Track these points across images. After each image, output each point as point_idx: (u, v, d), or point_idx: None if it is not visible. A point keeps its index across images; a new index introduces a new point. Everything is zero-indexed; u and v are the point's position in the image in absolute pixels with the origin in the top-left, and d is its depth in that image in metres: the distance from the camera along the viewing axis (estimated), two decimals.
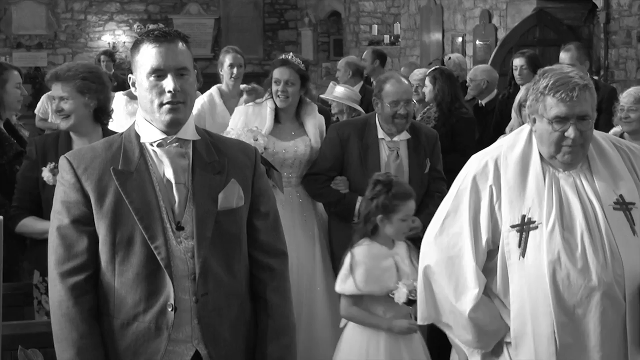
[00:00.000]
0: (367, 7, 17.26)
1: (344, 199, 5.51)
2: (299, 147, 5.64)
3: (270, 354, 3.02)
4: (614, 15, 10.81)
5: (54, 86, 4.45)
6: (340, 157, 5.58)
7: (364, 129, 5.58)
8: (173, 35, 2.91)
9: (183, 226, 2.90)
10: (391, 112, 5.43)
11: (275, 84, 5.57)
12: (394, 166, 5.46)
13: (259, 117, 5.64)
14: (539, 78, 3.29)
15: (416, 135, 5.59)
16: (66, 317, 2.85)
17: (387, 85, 5.48)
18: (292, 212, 5.59)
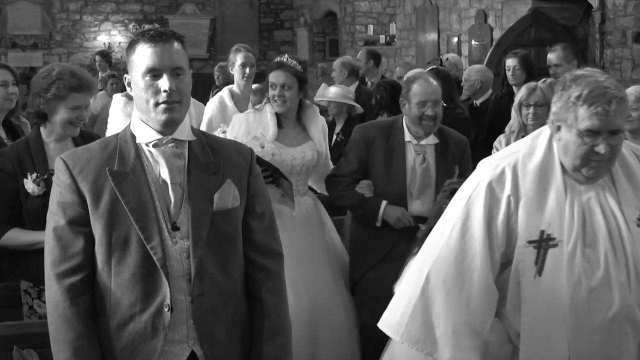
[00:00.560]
0: (363, 7, 17.26)
1: (367, 202, 5.30)
2: (306, 152, 5.38)
3: (266, 354, 3.02)
4: (609, 16, 10.82)
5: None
6: (365, 160, 5.36)
7: (390, 131, 5.37)
8: (168, 35, 2.90)
9: (179, 226, 2.90)
10: (418, 113, 5.20)
11: (272, 88, 5.32)
12: (420, 170, 5.26)
13: (260, 124, 5.36)
14: (569, 84, 3.00)
15: (445, 140, 5.37)
16: (62, 318, 2.85)
17: (415, 85, 5.26)
18: (301, 220, 5.38)
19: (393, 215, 5.19)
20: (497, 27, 12.80)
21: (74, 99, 4.32)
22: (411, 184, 5.23)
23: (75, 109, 4.33)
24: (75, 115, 4.34)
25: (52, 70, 4.36)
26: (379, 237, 5.27)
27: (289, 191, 5.15)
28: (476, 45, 13.32)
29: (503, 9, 12.70)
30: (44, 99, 4.28)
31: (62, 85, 4.27)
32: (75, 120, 4.36)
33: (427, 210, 5.12)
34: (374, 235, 5.30)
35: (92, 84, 4.51)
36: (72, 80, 4.30)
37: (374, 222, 5.23)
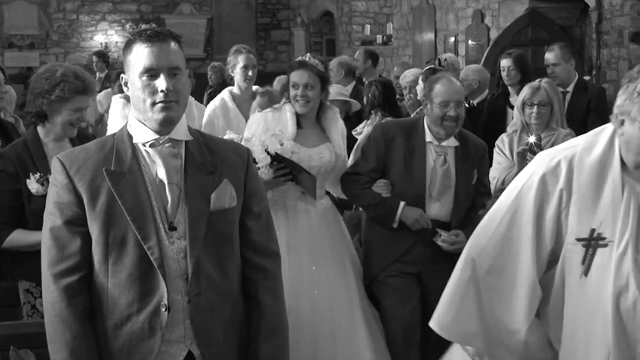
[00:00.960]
0: (360, 7, 17.27)
1: (384, 202, 5.14)
2: (324, 154, 5.21)
3: (263, 354, 3.02)
4: (606, 15, 10.83)
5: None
6: (384, 158, 5.21)
7: (411, 130, 5.22)
8: (165, 34, 2.91)
9: (176, 226, 2.90)
10: (440, 114, 5.06)
11: (294, 88, 5.16)
12: (441, 172, 5.13)
13: (279, 123, 5.19)
14: (636, 75, 2.87)
15: (464, 144, 5.24)
16: (59, 318, 2.85)
17: (438, 85, 5.13)
18: (319, 221, 5.22)
19: (411, 216, 5.07)
20: (494, 27, 12.80)
21: (77, 101, 4.33)
22: (431, 185, 5.12)
23: (77, 110, 4.35)
24: (76, 116, 4.36)
25: (54, 71, 4.34)
26: (395, 238, 5.17)
27: (311, 188, 5.01)
28: (473, 45, 13.33)
29: (500, 8, 12.70)
30: (47, 100, 4.28)
31: (66, 87, 4.28)
32: (76, 121, 4.37)
33: (445, 214, 5.13)
34: (389, 237, 5.19)
35: (94, 85, 4.54)
36: (76, 83, 4.31)
37: (390, 222, 5.12)
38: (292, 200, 5.14)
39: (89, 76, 4.51)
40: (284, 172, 4.90)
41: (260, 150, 4.82)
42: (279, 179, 4.93)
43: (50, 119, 4.35)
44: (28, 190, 4.24)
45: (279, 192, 5.09)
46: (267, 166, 4.82)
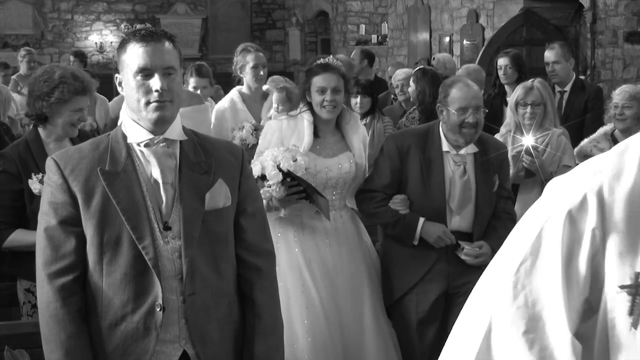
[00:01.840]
0: (355, 6, 17.27)
1: (403, 220, 4.81)
2: (343, 164, 4.87)
3: (258, 353, 3.02)
4: (601, 15, 10.85)
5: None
6: (399, 172, 4.85)
7: (426, 140, 4.85)
8: (160, 34, 2.91)
9: (170, 226, 2.90)
10: (458, 121, 4.71)
11: (319, 93, 4.75)
12: (461, 183, 4.79)
13: (295, 132, 4.84)
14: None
15: (484, 149, 4.89)
16: (54, 318, 2.84)
17: (454, 90, 4.78)
18: (337, 237, 4.89)
19: (433, 233, 4.75)
20: (489, 27, 12.83)
21: (77, 101, 4.35)
22: (450, 198, 4.80)
23: (77, 111, 4.37)
24: (77, 117, 4.38)
25: (52, 73, 4.34)
26: (416, 256, 4.84)
27: (325, 209, 4.67)
28: (468, 44, 13.34)
29: (495, 8, 12.72)
30: (47, 102, 4.29)
31: (66, 89, 4.29)
32: (77, 121, 4.40)
33: (467, 225, 4.84)
34: (409, 254, 4.86)
35: (92, 85, 4.57)
36: (75, 84, 4.33)
37: (410, 240, 4.80)
38: (307, 219, 4.84)
39: (87, 76, 4.52)
40: (297, 189, 4.60)
41: (272, 167, 4.53)
42: (292, 197, 4.63)
43: (51, 121, 4.36)
44: (30, 191, 4.23)
45: (293, 209, 4.79)
46: (279, 183, 4.52)
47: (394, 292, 4.91)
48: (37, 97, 4.32)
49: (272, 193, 4.52)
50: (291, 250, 4.80)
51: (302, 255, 4.79)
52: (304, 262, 4.76)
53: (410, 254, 4.84)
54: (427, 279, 4.80)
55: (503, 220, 4.87)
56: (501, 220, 4.88)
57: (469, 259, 4.74)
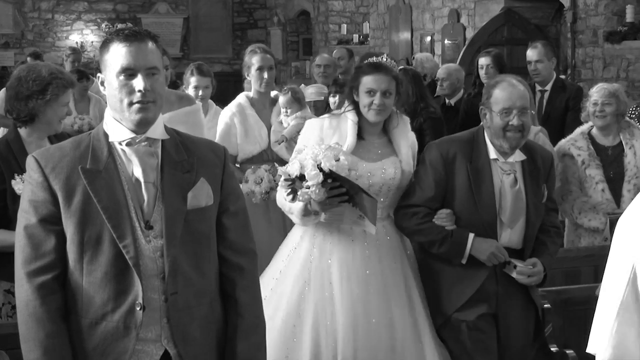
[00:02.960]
0: (336, 6, 17.30)
1: (451, 236, 4.38)
2: (387, 169, 4.46)
3: (241, 352, 3.01)
4: (581, 15, 10.90)
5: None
6: (443, 184, 4.42)
7: (472, 147, 4.45)
8: (143, 34, 2.90)
9: (152, 225, 2.89)
10: (502, 123, 4.32)
11: (368, 94, 4.40)
12: (512, 194, 4.37)
13: (337, 132, 4.47)
14: None
15: (531, 157, 4.49)
16: (33, 317, 2.83)
17: (497, 90, 4.40)
18: (378, 250, 4.45)
19: (485, 249, 4.33)
20: (470, 26, 12.86)
21: (67, 96, 4.42)
22: (501, 210, 4.37)
23: (65, 105, 4.42)
24: (65, 111, 4.43)
25: (39, 71, 4.36)
26: (462, 275, 4.43)
27: (371, 212, 4.20)
28: (449, 44, 13.38)
29: (476, 8, 12.76)
30: (41, 100, 4.29)
31: (60, 84, 4.34)
32: (64, 116, 4.45)
33: (517, 240, 4.44)
34: (455, 274, 4.44)
35: (74, 79, 4.67)
36: (65, 78, 4.40)
37: (459, 259, 4.38)
38: (348, 224, 4.39)
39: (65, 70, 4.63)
40: (339, 192, 4.14)
41: (312, 166, 4.09)
42: (334, 200, 4.16)
43: (42, 118, 4.36)
44: (12, 191, 4.20)
45: (333, 214, 4.32)
46: (319, 185, 4.07)
47: (436, 316, 4.47)
48: (27, 97, 4.31)
49: (311, 195, 4.10)
50: (324, 264, 4.39)
51: (338, 265, 4.38)
52: (338, 279, 4.36)
53: (456, 274, 4.43)
54: (474, 299, 4.37)
55: (552, 235, 4.55)
56: (549, 235, 4.54)
57: (521, 278, 4.33)
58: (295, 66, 18.70)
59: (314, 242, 4.45)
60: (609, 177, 6.04)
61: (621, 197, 6.03)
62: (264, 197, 5.73)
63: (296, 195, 4.15)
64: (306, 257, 4.44)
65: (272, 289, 4.43)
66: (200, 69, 7.11)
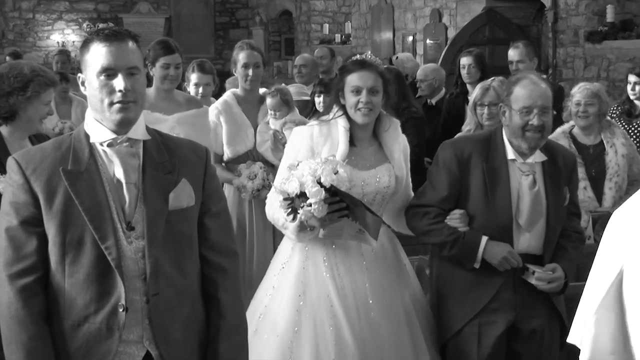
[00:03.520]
0: (318, 6, 17.31)
1: (463, 238, 4.18)
2: (381, 177, 4.26)
3: (222, 353, 3.01)
4: (562, 15, 10.94)
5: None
6: (457, 184, 4.24)
7: (488, 146, 4.27)
8: (123, 34, 2.89)
9: (134, 226, 2.88)
10: (521, 122, 4.14)
11: (354, 93, 4.16)
12: (531, 196, 4.17)
13: (328, 140, 4.22)
14: None
15: (552, 157, 4.30)
16: (15, 320, 2.81)
17: (517, 88, 4.21)
18: (375, 260, 4.27)
19: (497, 254, 4.12)
20: (452, 26, 12.89)
21: (48, 94, 4.38)
22: (518, 213, 4.17)
23: (47, 104, 4.39)
24: (46, 110, 4.40)
25: (21, 69, 4.34)
26: (477, 282, 4.22)
27: (374, 227, 3.99)
28: (431, 44, 13.41)
29: (457, 8, 12.79)
30: (22, 97, 4.27)
31: (42, 81, 4.32)
32: (46, 115, 4.42)
33: (536, 245, 4.23)
34: (469, 281, 4.24)
35: (57, 78, 4.68)
36: (46, 77, 4.37)
37: (471, 263, 4.18)
38: (347, 238, 4.16)
39: (48, 69, 4.58)
40: (339, 206, 3.93)
41: (312, 182, 3.86)
42: (334, 215, 3.94)
43: (22, 116, 4.34)
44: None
45: (332, 229, 4.07)
46: (322, 201, 3.86)
47: (451, 325, 4.28)
48: (7, 93, 4.29)
49: (313, 213, 3.86)
50: (319, 276, 4.18)
51: (332, 282, 4.16)
52: (335, 291, 4.15)
53: (470, 280, 4.23)
54: (491, 308, 4.18)
55: (573, 241, 4.32)
56: (571, 239, 4.31)
57: (541, 284, 4.12)
58: (277, 66, 18.69)
59: (306, 254, 4.23)
60: (590, 176, 6.07)
61: (603, 195, 6.06)
62: (254, 194, 5.70)
63: (296, 214, 3.91)
64: (299, 271, 4.21)
65: (266, 305, 4.23)
66: (202, 66, 6.91)
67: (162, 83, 5.71)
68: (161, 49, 5.78)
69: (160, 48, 5.79)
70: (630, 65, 8.54)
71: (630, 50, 9.91)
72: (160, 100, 5.70)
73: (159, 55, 5.72)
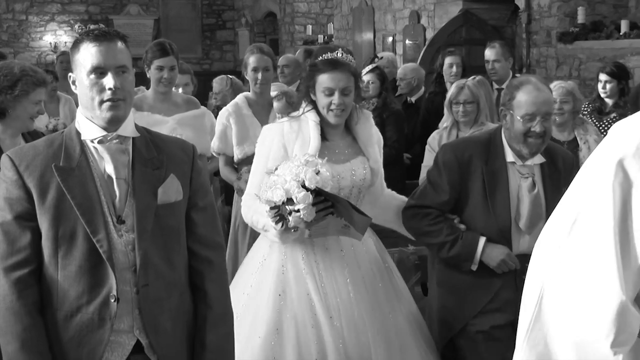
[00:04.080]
0: (302, 8, 17.30)
1: (461, 239, 4.07)
2: (356, 170, 4.08)
3: (210, 343, 3.01)
4: (535, 16, 10.97)
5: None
6: (458, 187, 4.11)
7: (488, 149, 4.12)
8: (112, 34, 2.90)
9: (124, 220, 2.88)
10: (523, 129, 3.98)
11: (326, 94, 3.98)
12: (530, 198, 4.04)
13: (299, 136, 4.04)
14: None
15: (552, 159, 4.16)
16: (10, 311, 2.81)
17: (521, 93, 4.01)
18: (356, 256, 4.08)
19: (495, 257, 4.02)
20: (430, 27, 12.91)
21: (37, 93, 4.36)
22: (517, 216, 4.05)
23: (37, 103, 4.38)
24: (36, 109, 4.38)
25: (11, 68, 4.35)
26: (476, 285, 4.11)
27: (362, 227, 3.82)
28: (410, 44, 13.42)
29: (435, 9, 12.81)
30: (10, 95, 4.27)
31: (29, 80, 4.31)
32: (36, 114, 4.40)
33: None
34: (468, 283, 4.13)
35: (48, 78, 4.62)
36: (36, 76, 4.36)
37: (468, 264, 4.07)
38: (333, 234, 3.97)
39: (40, 69, 4.54)
40: (324, 205, 3.73)
41: (297, 187, 3.65)
42: (319, 214, 3.73)
43: (12, 114, 4.34)
44: None
45: (319, 227, 3.85)
46: (309, 205, 3.66)
47: (451, 325, 4.18)
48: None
49: (303, 217, 3.66)
50: (299, 274, 3.99)
51: (312, 280, 3.98)
52: (314, 289, 3.97)
53: (469, 282, 4.12)
54: (490, 308, 4.08)
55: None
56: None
57: None
58: None
59: (284, 251, 4.02)
60: None
61: None
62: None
63: (285, 221, 3.70)
64: (278, 268, 4.00)
65: (244, 304, 3.99)
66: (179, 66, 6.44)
67: (157, 86, 5.64)
68: (156, 51, 5.65)
69: (156, 50, 5.66)
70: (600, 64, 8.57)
71: (600, 50, 9.94)
72: (159, 102, 5.65)
73: (154, 58, 5.60)
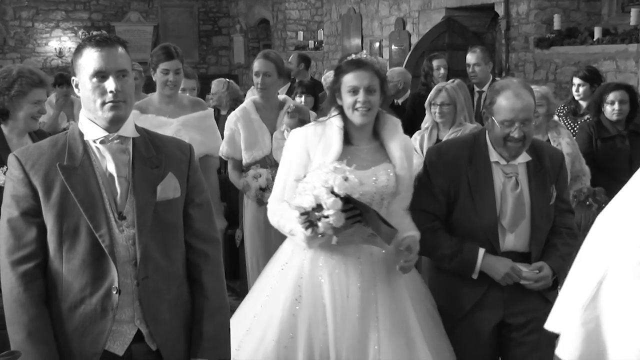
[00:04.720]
0: (293, 15, 17.29)
1: (461, 252, 3.91)
2: (379, 177, 3.80)
3: (206, 332, 3.02)
4: (514, 23, 10.99)
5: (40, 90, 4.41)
6: (448, 190, 3.94)
7: (472, 150, 3.96)
8: (113, 40, 2.90)
9: (125, 216, 2.89)
10: (502, 134, 3.83)
11: (351, 93, 3.77)
12: (513, 197, 3.87)
13: (322, 140, 3.82)
14: None
15: (538, 157, 3.98)
16: (17, 302, 2.83)
17: (500, 98, 3.84)
18: (372, 265, 3.85)
19: (499, 270, 3.86)
20: (415, 33, 12.91)
21: (35, 94, 4.36)
22: (501, 215, 3.89)
23: (36, 103, 4.37)
24: (36, 109, 4.38)
25: (10, 71, 4.37)
26: (465, 284, 3.97)
27: (386, 233, 3.55)
28: (396, 49, 13.43)
29: (420, 16, 12.82)
30: (7, 96, 4.29)
31: (24, 82, 4.31)
32: (37, 114, 4.39)
33: (523, 244, 3.93)
34: (457, 283, 4.00)
35: (48, 79, 4.59)
36: (32, 77, 4.35)
37: (470, 273, 3.91)
38: (360, 243, 3.81)
39: (42, 72, 4.55)
40: (352, 213, 3.53)
41: (326, 193, 3.48)
42: (348, 222, 3.53)
43: (13, 115, 4.35)
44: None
45: (346, 235, 3.67)
46: (339, 211, 3.47)
47: (445, 322, 4.01)
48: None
49: (332, 223, 3.48)
50: (315, 280, 3.80)
51: (327, 287, 3.78)
52: (328, 296, 3.77)
53: (459, 282, 3.98)
54: (479, 306, 3.95)
55: (563, 237, 3.98)
56: (561, 236, 3.98)
57: (528, 284, 3.87)
58: None
59: (305, 257, 3.84)
60: None
61: None
62: (258, 194, 5.40)
63: (314, 227, 3.53)
64: (298, 274, 3.83)
65: (262, 305, 3.87)
66: (185, 71, 6.16)
67: (163, 89, 5.49)
68: (162, 54, 5.53)
69: (161, 54, 5.54)
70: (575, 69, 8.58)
71: (575, 55, 9.96)
72: (164, 105, 5.53)
73: (159, 61, 5.49)
